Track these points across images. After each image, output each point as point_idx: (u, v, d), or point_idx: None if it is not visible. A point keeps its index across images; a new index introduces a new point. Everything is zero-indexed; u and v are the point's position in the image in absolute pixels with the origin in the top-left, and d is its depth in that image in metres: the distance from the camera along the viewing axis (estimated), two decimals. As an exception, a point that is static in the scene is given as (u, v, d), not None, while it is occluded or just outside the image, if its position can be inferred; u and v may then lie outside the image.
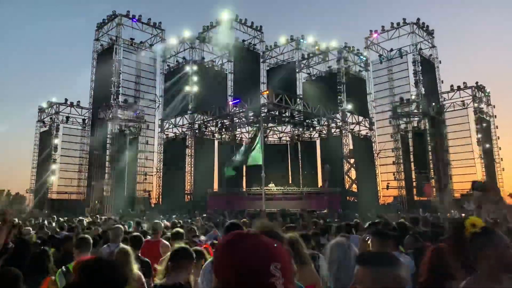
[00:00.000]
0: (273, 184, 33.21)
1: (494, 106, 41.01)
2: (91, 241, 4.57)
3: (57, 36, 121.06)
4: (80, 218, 15.02)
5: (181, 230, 6.02)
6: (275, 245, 1.08)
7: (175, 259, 3.37)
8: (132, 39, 37.16)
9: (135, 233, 5.85)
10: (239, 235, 1.12)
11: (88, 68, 38.64)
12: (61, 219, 14.27)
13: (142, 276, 4.20)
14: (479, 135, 37.68)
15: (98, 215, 20.42)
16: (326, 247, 2.89)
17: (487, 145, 38.46)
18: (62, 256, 5.28)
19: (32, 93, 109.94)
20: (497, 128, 40.29)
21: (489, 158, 38.27)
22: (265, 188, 29.42)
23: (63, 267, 4.00)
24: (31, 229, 9.39)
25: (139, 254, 5.08)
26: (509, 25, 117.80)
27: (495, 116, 40.68)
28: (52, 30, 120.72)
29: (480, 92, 40.02)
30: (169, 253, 3.53)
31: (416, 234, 6.06)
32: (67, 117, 38.41)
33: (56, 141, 37.09)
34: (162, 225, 6.84)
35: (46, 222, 13.31)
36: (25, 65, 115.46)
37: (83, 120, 39.20)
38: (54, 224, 12.67)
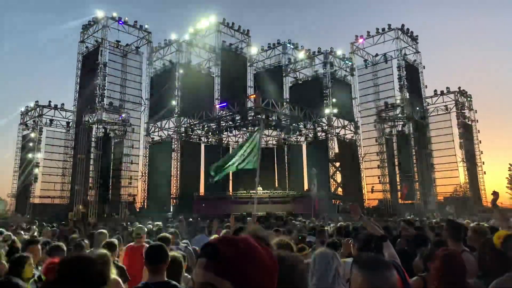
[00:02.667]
0: (260, 188, 33.19)
1: (476, 111, 41.90)
2: (65, 248, 4.51)
3: (41, 37, 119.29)
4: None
5: (167, 235, 5.97)
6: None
7: (150, 261, 3.33)
8: (118, 41, 36.79)
9: (110, 239, 5.78)
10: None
11: (72, 71, 38.19)
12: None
13: (121, 282, 4.14)
14: (462, 139, 38.40)
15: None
16: (311, 256, 2.86)
17: (469, 149, 39.21)
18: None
19: (14, 95, 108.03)
20: (479, 132, 41.16)
21: (471, 162, 39.02)
22: (251, 191, 29.53)
23: (36, 276, 3.94)
24: (11, 234, 9.19)
25: (116, 259, 5.03)
26: (492, 31, 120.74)
27: (477, 120, 41.59)
28: (36, 31, 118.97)
29: (463, 97, 40.83)
30: None
31: (407, 238, 6.12)
32: (51, 120, 37.80)
33: (39, 144, 36.43)
34: (146, 229, 6.78)
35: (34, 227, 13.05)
36: (7, 66, 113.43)
37: (67, 123, 38.62)
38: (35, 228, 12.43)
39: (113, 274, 4.10)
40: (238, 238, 1.10)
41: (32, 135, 37.16)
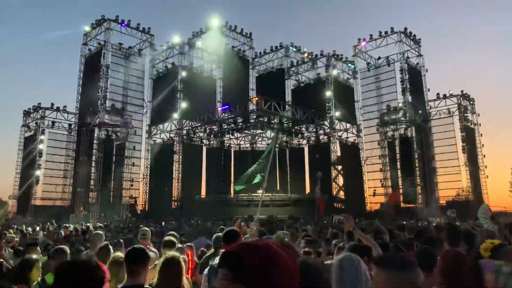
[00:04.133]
0: (261, 191, 33.01)
1: (478, 114, 41.72)
2: (68, 251, 4.46)
3: (44, 40, 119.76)
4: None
5: (173, 238, 5.90)
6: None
7: (128, 263, 3.24)
8: (121, 44, 36.86)
9: (104, 242, 5.71)
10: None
11: (75, 73, 38.24)
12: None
13: None
14: (464, 143, 38.22)
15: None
16: (334, 260, 2.71)
17: (472, 153, 39.03)
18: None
19: (17, 97, 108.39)
20: (481, 136, 40.95)
21: (473, 166, 38.83)
22: (253, 194, 29.43)
23: (39, 278, 3.89)
24: (14, 236, 9.16)
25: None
26: (495, 34, 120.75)
27: (480, 124, 41.37)
28: (40, 34, 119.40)
29: (465, 101, 40.68)
30: (157, 262, 3.46)
31: (398, 243, 6.05)
32: (53, 122, 37.77)
33: (41, 146, 36.40)
34: (150, 232, 6.72)
35: (30, 228, 13.01)
36: (10, 68, 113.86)
37: (69, 125, 38.61)
38: (38, 229, 12.38)
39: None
40: (259, 244, 1.08)
41: (35, 137, 37.15)
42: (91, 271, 1.78)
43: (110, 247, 5.30)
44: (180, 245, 6.49)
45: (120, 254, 4.54)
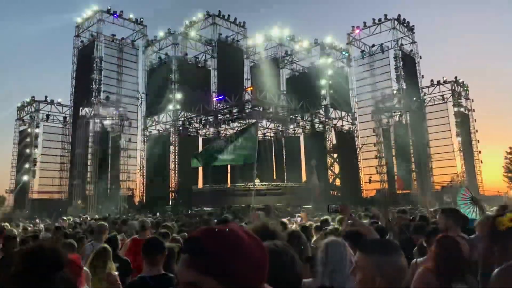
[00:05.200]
0: (258, 180, 33.24)
1: (472, 100, 41.96)
2: (75, 244, 4.54)
3: (36, 33, 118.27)
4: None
5: (167, 230, 6.03)
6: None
7: (146, 254, 3.37)
8: (114, 35, 36.51)
9: (111, 234, 5.82)
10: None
11: (68, 65, 37.91)
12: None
13: (118, 278, 4.22)
14: (458, 129, 38.50)
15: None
16: (320, 244, 2.80)
17: (466, 138, 39.33)
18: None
19: (11, 90, 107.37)
20: (475, 121, 41.26)
21: (468, 151, 39.16)
22: (250, 184, 29.60)
23: None
24: (14, 230, 9.24)
25: (118, 253, 5.07)
26: (487, 20, 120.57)
27: (474, 110, 41.62)
28: (32, 26, 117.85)
29: (459, 87, 40.86)
30: None
31: (402, 226, 6.20)
32: (48, 115, 37.59)
33: (37, 139, 36.29)
34: (149, 222, 6.84)
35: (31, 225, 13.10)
36: (2, 62, 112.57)
37: (64, 118, 38.44)
38: (40, 224, 12.48)
39: (112, 269, 4.18)
40: (224, 229, 0.98)
41: (29, 130, 37.00)
42: (47, 254, 1.74)
43: (118, 237, 5.42)
44: (176, 236, 6.64)
45: (104, 245, 4.68)
